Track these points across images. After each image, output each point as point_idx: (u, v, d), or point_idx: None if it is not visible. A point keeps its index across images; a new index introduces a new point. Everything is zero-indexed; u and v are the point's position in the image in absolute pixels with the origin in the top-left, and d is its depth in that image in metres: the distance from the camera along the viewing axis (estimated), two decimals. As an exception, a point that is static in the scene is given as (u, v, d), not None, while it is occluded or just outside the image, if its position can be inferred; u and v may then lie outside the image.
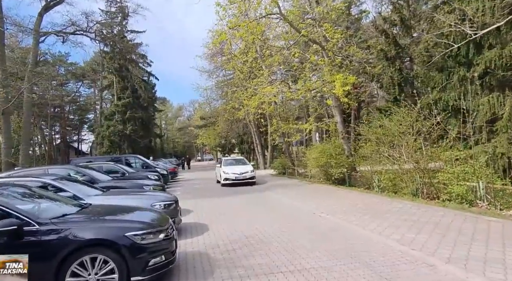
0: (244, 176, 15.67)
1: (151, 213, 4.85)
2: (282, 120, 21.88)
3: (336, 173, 13.60)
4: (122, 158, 18.11)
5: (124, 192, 6.91)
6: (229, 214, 8.52)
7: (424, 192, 9.24)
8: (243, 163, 17.49)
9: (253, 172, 16.16)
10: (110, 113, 35.54)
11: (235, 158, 19.61)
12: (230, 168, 16.19)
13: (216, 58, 26.88)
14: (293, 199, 10.43)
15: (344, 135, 14.25)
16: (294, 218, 7.62)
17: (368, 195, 10.36)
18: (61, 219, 3.73)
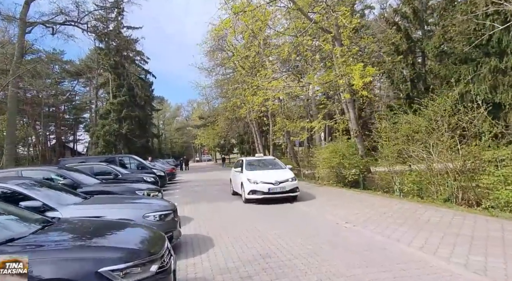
0: (283, 187, 9.74)
1: (141, 231, 3.61)
2: (286, 118, 20.66)
3: (350, 174, 12.40)
4: (115, 158, 16.82)
5: (111, 200, 5.66)
6: (237, 224, 7.28)
7: (459, 197, 8.05)
8: (276, 166, 11.46)
9: (295, 180, 10.16)
10: (105, 111, 34.19)
11: (262, 159, 12.71)
12: (258, 174, 10.29)
13: (217, 54, 25.65)
14: (308, 205, 9.21)
15: (358, 134, 13.03)
16: (315, 229, 6.39)
17: (391, 200, 9.14)
18: (2, 247, 2.49)
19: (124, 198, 5.86)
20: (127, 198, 5.82)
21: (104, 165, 13.82)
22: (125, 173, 13.79)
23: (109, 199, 5.71)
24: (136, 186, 7.64)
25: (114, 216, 4.69)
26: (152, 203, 5.56)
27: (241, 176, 10.60)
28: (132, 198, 5.87)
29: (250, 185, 9.87)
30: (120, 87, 33.11)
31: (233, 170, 12.60)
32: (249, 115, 28.46)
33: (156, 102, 59.98)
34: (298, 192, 10.15)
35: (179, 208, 10.43)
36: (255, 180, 9.91)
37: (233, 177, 12.27)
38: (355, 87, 10.13)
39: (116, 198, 5.83)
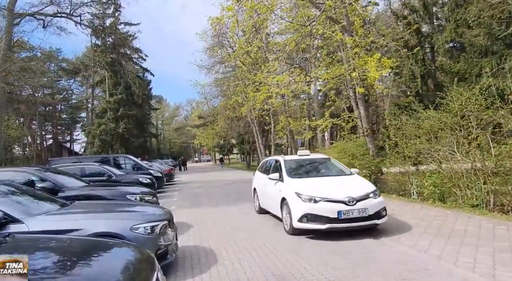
0: (363, 209, 5.55)
1: (122, 254, 2.72)
2: (289, 116, 19.79)
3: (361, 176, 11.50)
4: (110, 158, 15.90)
5: (94, 207, 4.76)
6: (242, 232, 6.38)
7: (490, 202, 7.18)
8: (336, 170, 7.29)
9: (378, 195, 6.03)
10: (101, 110, 33.22)
11: (309, 158, 7.97)
12: (313, 185, 6.17)
13: (216, 49, 24.72)
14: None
15: (369, 132, 12.16)
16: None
17: (413, 205, 8.26)
18: None
19: (111, 204, 4.95)
20: (114, 205, 4.92)
21: (97, 165, 12.92)
22: (119, 174, 12.88)
23: (92, 206, 4.80)
24: (128, 189, 6.73)
25: (94, 228, 3.81)
26: (144, 211, 4.65)
27: (281, 187, 6.49)
28: (120, 205, 4.97)
29: (302, 204, 5.61)
30: (117, 85, 32.15)
31: (260, 175, 8.36)
32: (250, 114, 27.58)
33: (155, 101, 59.11)
34: (386, 216, 5.77)
35: (178, 213, 9.55)
36: (312, 195, 5.62)
37: (262, 186, 7.93)
38: (370, 81, 9.24)
39: (101, 205, 4.92)
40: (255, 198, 8.58)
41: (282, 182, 6.66)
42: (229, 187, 15.76)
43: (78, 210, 4.44)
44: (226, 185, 17.22)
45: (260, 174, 8.57)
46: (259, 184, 8.28)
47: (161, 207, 5.21)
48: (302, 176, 6.92)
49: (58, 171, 7.55)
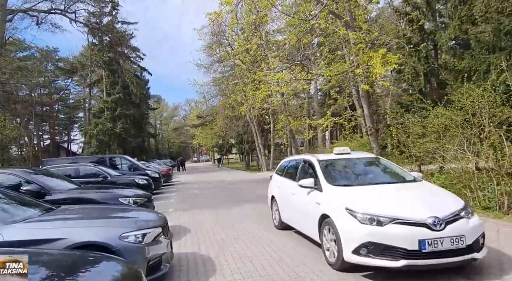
0: (458, 236, 3.58)
1: (105, 270, 2.33)
2: (290, 116, 19.40)
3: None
4: (106, 158, 15.47)
5: (81, 212, 4.36)
6: (243, 237, 5.99)
7: (504, 204, 6.80)
8: (393, 175, 5.31)
9: (471, 214, 3.94)
10: (98, 110, 32.73)
11: (352, 158, 5.79)
12: (371, 196, 4.29)
13: (215, 47, 24.30)
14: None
15: (373, 131, 11.78)
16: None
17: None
18: None
19: (100, 209, 4.55)
20: (103, 210, 4.52)
21: (92, 166, 12.51)
22: (115, 175, 12.47)
23: (79, 211, 4.40)
24: (121, 192, 6.32)
25: (79, 237, 3.42)
26: (135, 217, 4.25)
27: (319, 198, 4.68)
28: (110, 210, 4.56)
29: (359, 228, 3.80)
30: (114, 84, 31.69)
31: (281, 180, 6.59)
32: (249, 113, 27.20)
33: (153, 101, 58.68)
34: (484, 248, 3.88)
35: (175, 216, 9.17)
36: (373, 213, 3.81)
37: (285, 195, 6.21)
38: (375, 77, 8.84)
39: (89, 209, 4.52)
40: (274, 209, 6.77)
41: (319, 191, 4.68)
42: (228, 188, 15.39)
43: (63, 216, 4.04)
44: (225, 186, 16.84)
45: (280, 178, 6.62)
46: (281, 192, 6.39)
47: (155, 212, 4.81)
48: (350, 183, 4.86)
49: (47, 172, 7.14)
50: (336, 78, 10.08)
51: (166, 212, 9.73)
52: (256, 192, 13.06)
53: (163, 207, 10.60)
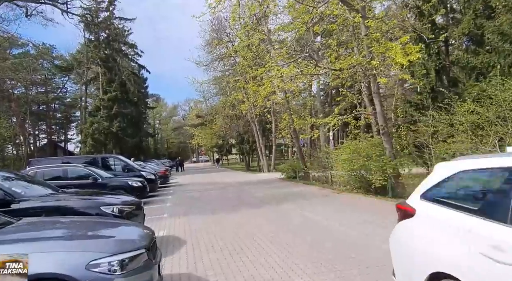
0: None
1: None
2: (293, 114, 18.48)
3: (377, 180, 10.23)
4: (98, 159, 14.53)
5: (45, 227, 3.44)
6: (248, 253, 5.07)
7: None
8: None
9: None
10: (94, 108, 31.77)
11: None
12: None
13: (216, 42, 23.35)
14: (348, 226, 6.93)
15: (385, 130, 10.88)
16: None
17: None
18: None
19: (69, 224, 3.62)
20: (73, 225, 3.59)
21: (81, 167, 11.58)
22: (106, 177, 11.54)
23: (42, 226, 3.47)
24: (104, 199, 5.39)
25: (34, 266, 2.48)
26: (112, 235, 3.32)
27: None
28: (83, 225, 3.64)
29: None
30: (110, 82, 30.73)
31: (472, 225, 2.15)
32: (250, 112, 26.30)
33: (151, 100, 57.74)
34: None
35: (169, 223, 8.25)
36: None
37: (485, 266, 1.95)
38: (393, 69, 7.94)
39: (55, 224, 3.58)
40: None
41: None
42: (228, 191, 14.47)
43: (18, 234, 3.12)
44: (225, 188, 15.92)
45: (460, 219, 2.29)
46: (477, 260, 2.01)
47: (140, 226, 3.89)
48: None
49: (21, 176, 6.19)
50: (348, 71, 9.18)
51: (160, 218, 8.85)
52: (257, 195, 12.16)
53: (157, 212, 9.70)
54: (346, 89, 12.51)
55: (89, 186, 10.87)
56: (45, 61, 45.13)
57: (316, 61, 10.07)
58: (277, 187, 15.16)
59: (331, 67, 9.19)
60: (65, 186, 10.74)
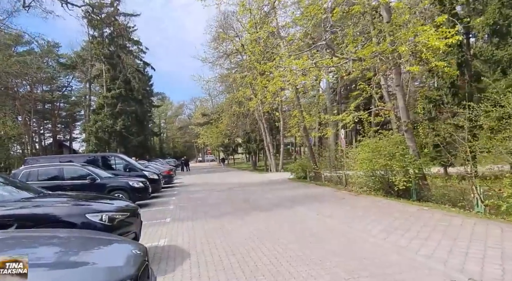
0: None
1: None
2: (304, 111, 17.51)
3: (401, 181, 9.26)
4: (98, 157, 13.75)
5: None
6: (263, 270, 4.17)
7: None
8: None
9: None
10: (98, 106, 31.08)
11: None
12: None
13: (222, 35, 22.46)
14: (378, 236, 6.00)
15: (409, 127, 9.90)
16: None
17: (486, 223, 5.97)
18: None
19: (32, 243, 2.75)
20: (38, 244, 2.72)
21: (79, 166, 10.80)
22: (106, 177, 10.76)
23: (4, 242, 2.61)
24: (92, 204, 4.52)
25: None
26: (87, 263, 2.43)
27: None
28: (51, 244, 2.76)
29: None
30: (114, 79, 30.01)
31: None
32: (258, 111, 25.41)
33: (156, 98, 57.18)
34: None
35: (172, 229, 7.39)
36: None
37: None
38: (425, 55, 6.94)
39: (10, 244, 2.71)
40: None
41: None
42: (236, 192, 13.60)
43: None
44: (232, 189, 15.05)
45: None
46: None
47: (130, 244, 2.99)
48: None
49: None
50: (369, 61, 8.22)
51: (162, 223, 8.01)
52: (268, 197, 11.26)
53: (160, 216, 8.87)
54: (364, 83, 11.50)
55: (87, 186, 10.12)
56: (50, 59, 44.76)
57: (334, 51, 9.11)
58: (288, 188, 14.25)
59: (352, 57, 8.23)
60: (61, 187, 10.04)
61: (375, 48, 7.92)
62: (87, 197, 5.00)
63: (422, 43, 6.62)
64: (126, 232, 4.51)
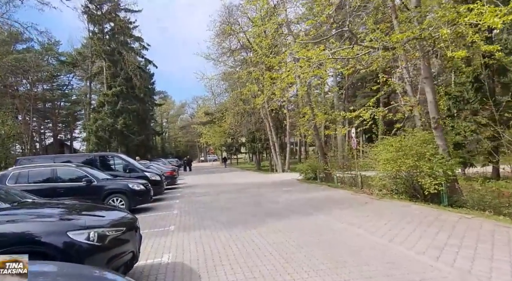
0: None
1: None
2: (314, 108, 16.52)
3: (431, 184, 8.27)
4: (96, 157, 12.80)
5: None
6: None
7: None
8: None
9: None
10: (98, 104, 30.17)
11: None
12: None
13: (228, 29, 21.46)
14: (430, 254, 5.02)
15: (438, 124, 8.92)
16: None
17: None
18: None
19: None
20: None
21: (74, 167, 9.85)
22: (103, 179, 9.83)
23: None
24: (79, 220, 3.56)
25: None
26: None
27: None
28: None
29: None
30: (115, 76, 29.09)
31: None
32: (263, 109, 24.45)
33: (159, 97, 56.35)
34: None
35: (176, 240, 6.43)
36: None
37: None
38: (470, 36, 5.93)
39: None
40: None
41: None
42: (244, 194, 12.64)
43: None
44: (239, 191, 14.10)
45: None
46: None
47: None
48: None
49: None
50: (400, 49, 7.24)
51: (165, 232, 7.07)
52: (280, 201, 10.30)
53: (162, 223, 7.92)
54: (373, 79, 10.52)
55: (82, 189, 9.20)
56: (50, 57, 43.96)
57: (357, 38, 8.12)
58: (299, 190, 13.28)
59: (380, 45, 7.24)
60: (53, 190, 9.13)
61: (409, 32, 6.91)
62: (75, 208, 4.04)
63: (466, 25, 5.64)
64: (121, 253, 3.57)
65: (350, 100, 34.06)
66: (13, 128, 37.05)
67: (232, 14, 24.57)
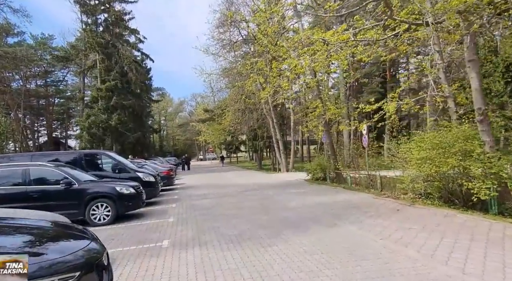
0: None
1: None
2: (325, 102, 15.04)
3: (482, 189, 6.80)
4: (81, 155, 11.22)
5: None
6: None
7: None
8: None
9: None
10: (91, 99, 28.59)
11: None
12: None
13: (230, 14, 19.90)
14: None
15: (484, 117, 7.48)
16: None
17: None
18: None
19: None
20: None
21: (51, 167, 8.34)
22: (86, 181, 8.34)
23: None
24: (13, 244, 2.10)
25: None
26: None
27: None
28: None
29: None
30: (109, 70, 27.51)
31: None
32: (266, 106, 23.01)
33: (156, 94, 54.81)
34: None
35: (170, 262, 4.80)
36: None
37: None
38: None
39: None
40: None
41: None
42: (249, 198, 11.17)
43: None
44: (243, 193, 12.65)
45: None
46: None
47: None
48: None
49: None
50: (454, 21, 5.77)
51: (156, 249, 5.59)
52: (293, 207, 8.84)
53: (154, 236, 6.42)
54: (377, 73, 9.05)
55: (59, 194, 7.73)
56: (43, 51, 42.28)
57: (392, 11, 6.65)
58: (311, 192, 11.82)
59: (429, 17, 5.77)
60: (23, 195, 7.64)
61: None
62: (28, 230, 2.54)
63: None
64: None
65: (356, 96, 32.66)
66: (4, 126, 35.43)
67: (233, 3, 23.11)
